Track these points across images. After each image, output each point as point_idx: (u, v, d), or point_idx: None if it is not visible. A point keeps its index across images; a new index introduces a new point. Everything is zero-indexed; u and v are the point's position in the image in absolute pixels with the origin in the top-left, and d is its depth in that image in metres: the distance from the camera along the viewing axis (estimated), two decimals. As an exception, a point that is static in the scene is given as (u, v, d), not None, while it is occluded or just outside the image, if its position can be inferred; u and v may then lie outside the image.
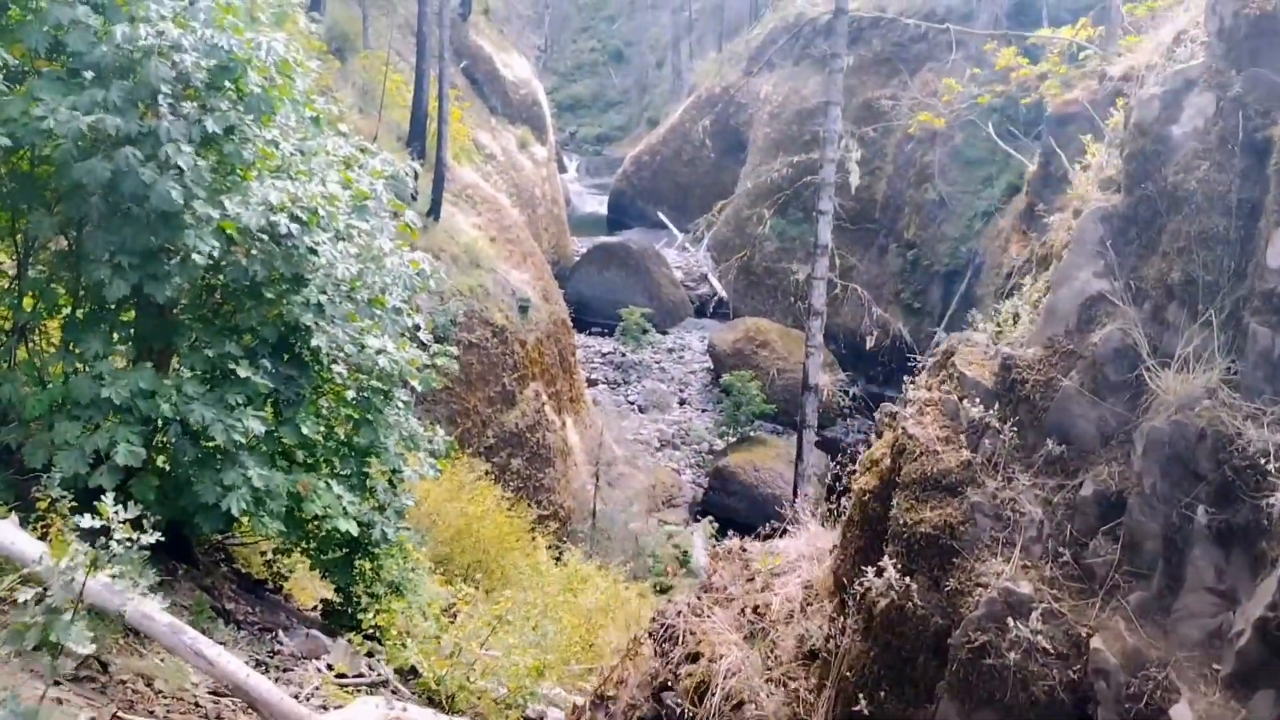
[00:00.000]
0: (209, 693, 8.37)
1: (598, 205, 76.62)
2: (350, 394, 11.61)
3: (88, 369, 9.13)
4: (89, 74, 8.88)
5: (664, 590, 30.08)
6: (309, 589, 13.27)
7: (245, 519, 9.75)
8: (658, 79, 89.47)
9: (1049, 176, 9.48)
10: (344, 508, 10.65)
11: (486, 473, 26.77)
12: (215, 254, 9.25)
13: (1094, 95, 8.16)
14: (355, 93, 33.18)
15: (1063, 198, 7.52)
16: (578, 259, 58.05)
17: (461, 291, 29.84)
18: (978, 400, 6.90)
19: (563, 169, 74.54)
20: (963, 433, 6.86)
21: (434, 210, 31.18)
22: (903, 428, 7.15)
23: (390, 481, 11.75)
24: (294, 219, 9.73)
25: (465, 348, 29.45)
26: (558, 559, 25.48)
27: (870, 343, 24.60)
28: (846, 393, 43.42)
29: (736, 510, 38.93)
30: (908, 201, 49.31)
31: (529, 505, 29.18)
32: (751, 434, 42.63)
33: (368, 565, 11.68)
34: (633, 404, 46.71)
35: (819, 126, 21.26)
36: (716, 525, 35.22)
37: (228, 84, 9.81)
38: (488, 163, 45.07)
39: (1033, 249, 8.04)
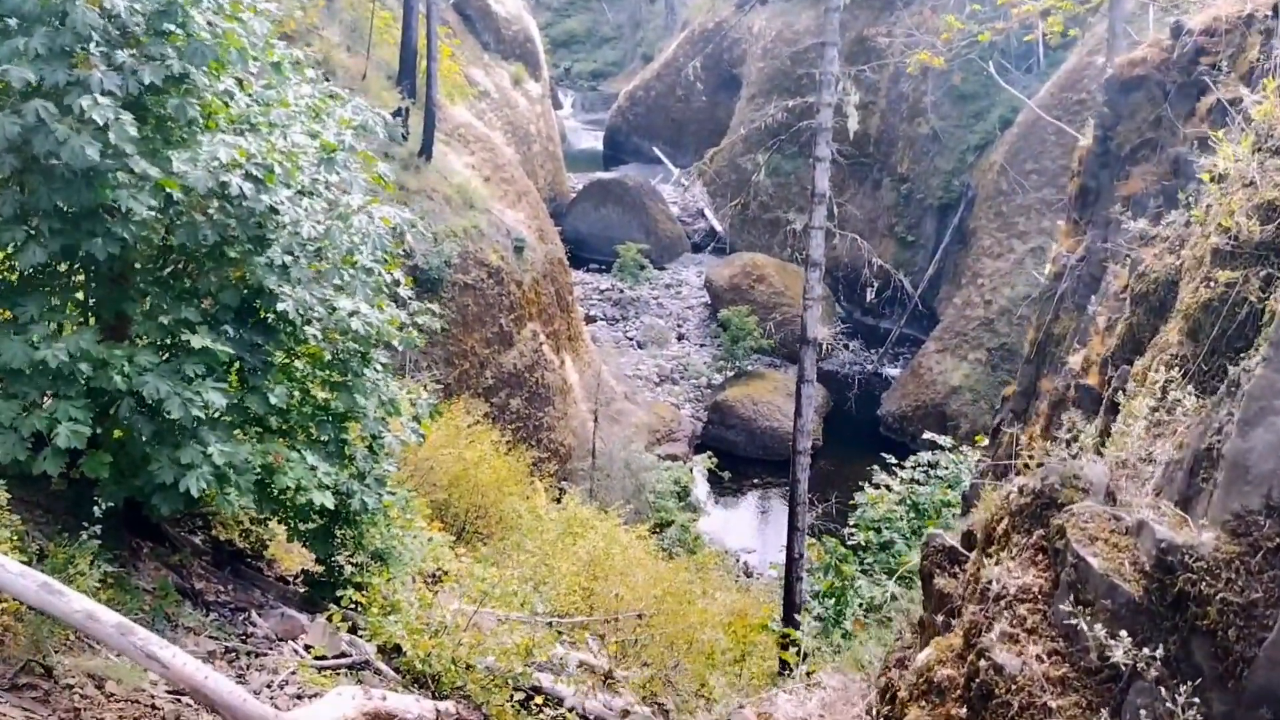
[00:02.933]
0: (168, 692, 7.55)
1: (594, 141, 75.05)
2: (327, 356, 10.69)
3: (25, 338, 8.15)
4: (13, 21, 7.80)
5: (663, 527, 29.56)
6: (294, 552, 12.47)
7: (209, 496, 8.87)
8: (651, 14, 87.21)
9: (1108, 155, 7.92)
10: (319, 479, 9.80)
11: (485, 414, 26.04)
12: (159, 214, 8.24)
13: (1165, 55, 6.91)
14: (343, 30, 31.82)
15: (1163, 219, 5.88)
16: (574, 196, 56.82)
17: (455, 233, 28.83)
18: (1116, 617, 4.00)
19: (558, 105, 72.77)
20: (1093, 674, 4.05)
21: (425, 150, 30.03)
22: (986, 655, 4.37)
23: (370, 448, 10.87)
24: (248, 177, 8.70)
25: (461, 289, 28.57)
26: (558, 499, 24.85)
27: (870, 295, 23.69)
28: (844, 330, 42.56)
29: (735, 444, 38.51)
30: (901, 136, 48.07)
31: (528, 446, 28.50)
32: (749, 368, 42.00)
33: (350, 533, 10.85)
34: (631, 340, 45.96)
35: (814, 67, 20.11)
36: (716, 460, 34.67)
37: (174, 29, 8.72)
38: (481, 100, 43.69)
39: (1128, 282, 6.18)
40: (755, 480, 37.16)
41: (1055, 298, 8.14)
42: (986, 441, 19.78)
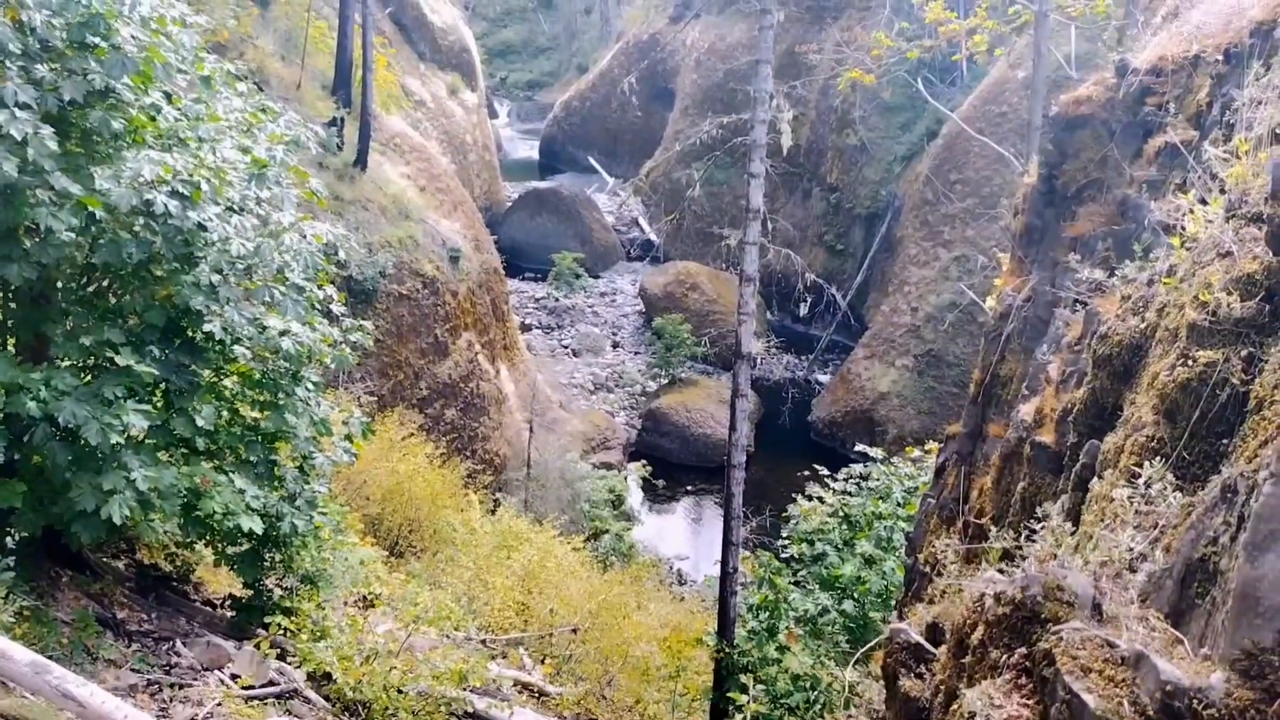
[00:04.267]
0: (88, 730, 7.15)
1: (529, 150, 74.68)
2: (257, 375, 10.33)
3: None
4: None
5: (598, 536, 29.33)
6: (223, 574, 12.04)
7: (132, 523, 8.47)
8: (586, 25, 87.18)
9: (1054, 194, 7.75)
10: (247, 503, 9.44)
11: (420, 426, 25.64)
12: (80, 233, 7.85)
13: (1110, 94, 6.82)
14: (277, 39, 31.16)
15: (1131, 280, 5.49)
16: (510, 205, 56.38)
17: (390, 243, 28.36)
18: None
19: (494, 115, 72.28)
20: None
21: (361, 160, 29.51)
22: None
23: (301, 468, 10.52)
24: (175, 194, 8.35)
25: (395, 300, 28.11)
26: (493, 511, 24.54)
27: (804, 309, 23.75)
28: (777, 342, 42.74)
29: (670, 451, 38.41)
30: (830, 146, 48.44)
31: (463, 457, 28.14)
32: (683, 376, 41.95)
33: (279, 557, 10.48)
34: (566, 348, 45.72)
35: (746, 81, 20.06)
36: (650, 469, 34.54)
37: (98, 42, 8.34)
38: (417, 110, 43.15)
39: (1087, 339, 5.70)
40: (689, 487, 37.07)
41: (1001, 338, 8.05)
42: (917, 453, 19.94)
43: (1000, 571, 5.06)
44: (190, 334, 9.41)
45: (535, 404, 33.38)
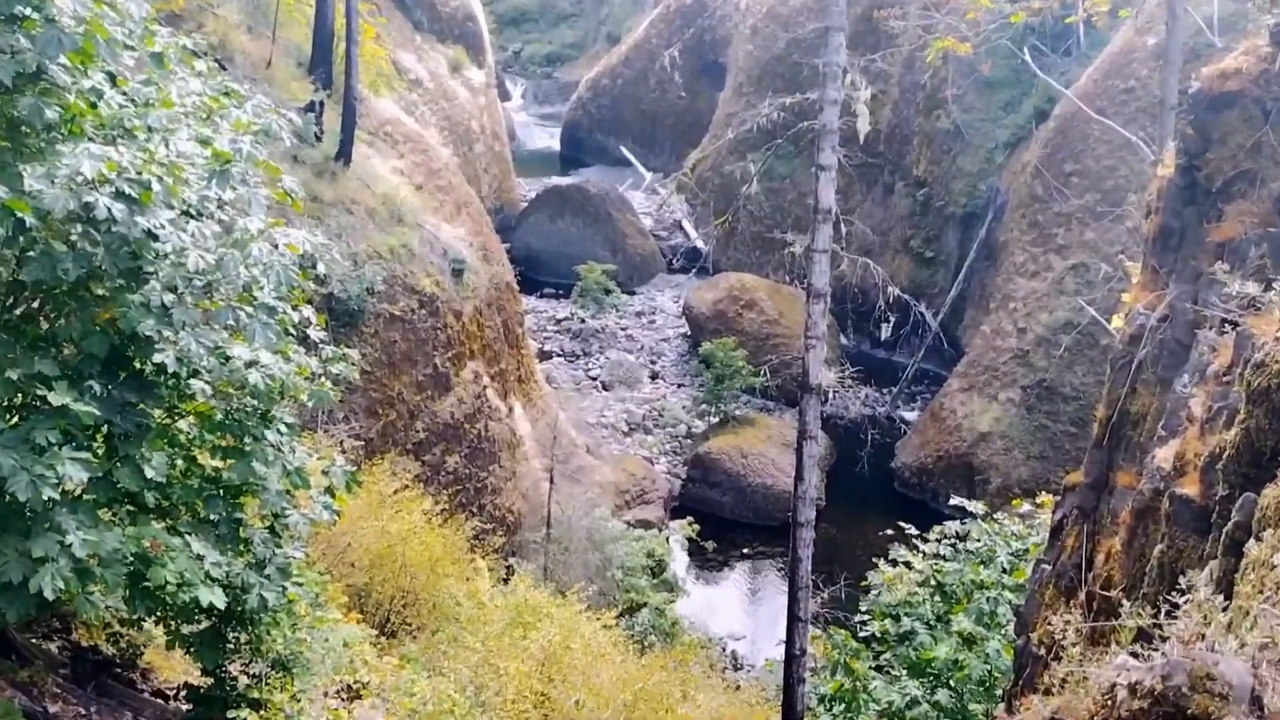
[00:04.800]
0: None
1: (549, 140, 75.29)
2: (219, 416, 10.40)
3: None
4: None
5: (634, 610, 29.24)
6: (176, 659, 12.09)
7: (67, 597, 8.52)
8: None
9: (1195, 189, 7.55)
10: (207, 571, 9.47)
11: (416, 477, 25.71)
12: (6, 244, 7.96)
13: (1264, 66, 6.64)
14: (243, 8, 31.67)
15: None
16: (525, 206, 56.80)
17: (380, 253, 28.60)
18: None
19: (505, 96, 72.94)
20: None
21: (344, 153, 29.84)
22: None
23: (272, 529, 10.56)
24: (119, 195, 8.44)
25: (386, 322, 28.32)
26: (505, 580, 24.52)
27: (886, 332, 23.65)
28: (853, 372, 42.63)
29: (721, 505, 38.40)
30: (917, 131, 48.43)
31: (469, 514, 28.19)
32: (737, 413, 41.95)
33: (245, 637, 10.51)
34: (594, 380, 45.85)
35: (813, 54, 20.04)
36: (697, 527, 34.49)
37: (29, 13, 8.48)
38: (412, 91, 43.62)
39: (1239, 367, 5.71)
40: (745, 550, 36.95)
41: (1131, 367, 7.90)
42: (1026, 507, 19.75)
43: (1135, 656, 4.92)
44: (138, 366, 9.46)
45: (556, 449, 33.40)
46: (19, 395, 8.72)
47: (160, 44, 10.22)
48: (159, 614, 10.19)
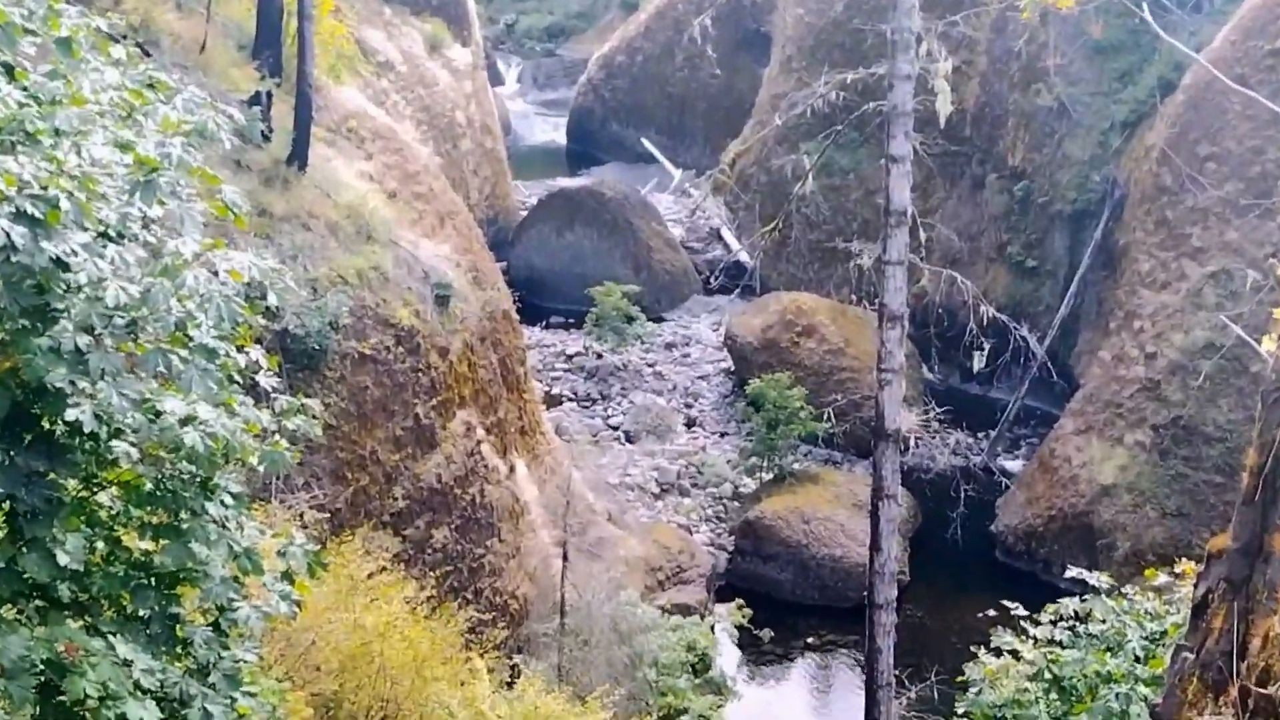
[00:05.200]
0: None
1: (552, 132, 75.81)
2: (148, 486, 10.45)
3: None
4: None
5: (672, 718, 29.14)
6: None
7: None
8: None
9: None
10: (136, 681, 9.49)
11: (396, 556, 25.75)
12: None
13: None
14: (172, -19, 32.02)
15: None
16: (525, 215, 57.05)
17: (345, 278, 28.74)
18: None
19: (497, 80, 73.53)
20: None
21: (298, 155, 30.05)
22: None
23: (216, 626, 10.58)
24: (19, 216, 8.52)
25: (354, 364, 28.43)
26: (510, 683, 24.53)
27: (980, 362, 23.61)
28: (937, 410, 42.52)
29: (779, 583, 38.31)
30: (1011, 110, 48.49)
31: (463, 600, 28.20)
32: (796, 467, 41.87)
33: (185, 763, 10.51)
34: (616, 430, 45.88)
35: (880, 18, 20.06)
36: (749, 611, 34.38)
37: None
38: (381, 76, 43.96)
39: None
40: (809, 639, 36.79)
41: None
42: (1162, 578, 19.59)
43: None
44: (47, 426, 9.51)
45: (570, 517, 33.37)
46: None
47: (68, 26, 10.32)
48: (77, 736, 10.20)
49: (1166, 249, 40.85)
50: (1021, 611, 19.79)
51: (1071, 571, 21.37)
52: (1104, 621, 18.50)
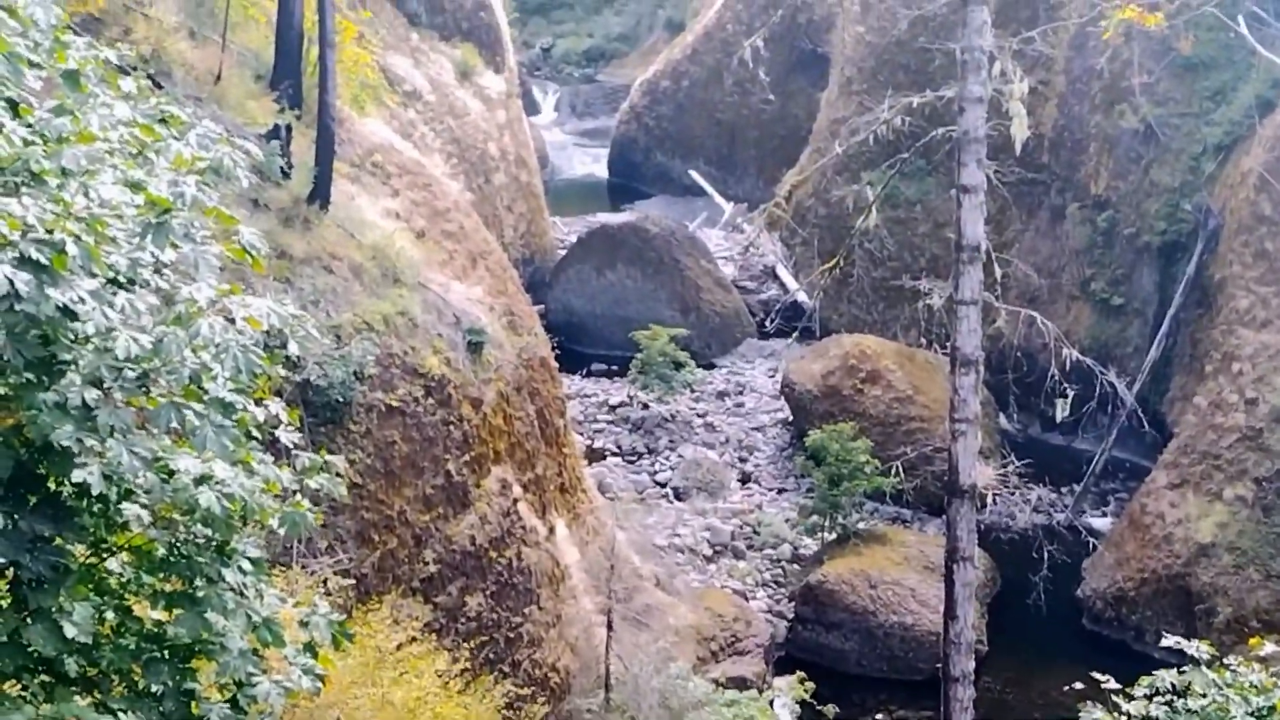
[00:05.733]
0: None
1: (592, 164, 76.03)
2: (161, 551, 10.53)
3: None
4: None
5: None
6: None
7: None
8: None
9: None
10: (148, 764, 9.54)
11: (427, 625, 25.78)
12: None
13: None
14: (181, 4, 32.28)
15: None
16: (563, 254, 57.16)
17: (371, 324, 28.85)
18: None
19: (533, 109, 73.86)
20: None
21: (320, 192, 30.18)
22: None
23: (234, 702, 10.63)
24: (24, 262, 8.62)
25: (381, 417, 28.49)
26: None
27: (1063, 410, 23.49)
28: (1016, 462, 42.32)
29: (844, 654, 38.11)
30: (1093, 134, 48.39)
31: (500, 674, 28.16)
32: (861, 526, 41.65)
33: None
34: (664, 487, 45.78)
35: (948, 36, 20.09)
36: (811, 685, 34.14)
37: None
38: (408, 106, 44.26)
39: None
40: (878, 715, 36.58)
41: None
42: (1270, 647, 19.39)
43: None
44: (53, 488, 9.59)
45: (615, 582, 33.32)
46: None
47: (76, 58, 10.46)
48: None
49: (1267, 284, 40.61)
50: (1112, 685, 19.59)
51: (1167, 640, 21.14)
52: (1204, 696, 18.30)
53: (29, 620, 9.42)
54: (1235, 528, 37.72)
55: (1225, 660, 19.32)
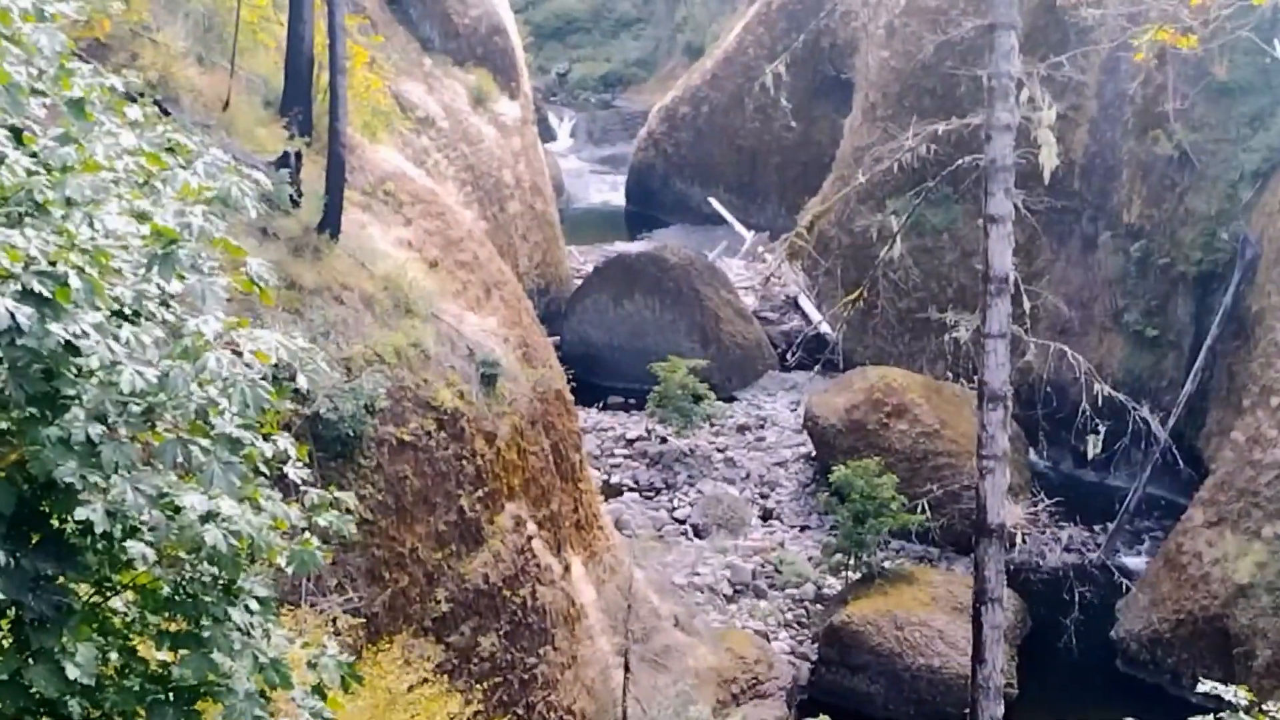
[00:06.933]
0: None
1: (609, 192, 76.23)
2: (166, 590, 10.55)
3: None
4: None
5: None
6: None
7: None
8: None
9: None
10: (153, 810, 9.55)
11: (439, 666, 25.76)
12: None
13: None
14: (191, 31, 32.46)
15: None
16: (580, 284, 57.24)
17: (382, 356, 28.93)
18: None
19: (549, 136, 74.07)
20: None
21: (330, 221, 30.28)
22: None
23: (241, 746, 10.62)
24: (26, 295, 8.65)
25: (392, 451, 28.55)
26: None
27: (1095, 446, 23.46)
28: (1047, 501, 42.23)
29: (869, 697, 38.00)
30: (1126, 161, 48.38)
31: (513, 717, 28.13)
32: (887, 565, 41.62)
33: None
34: (683, 524, 45.73)
35: (976, 61, 20.11)
36: (836, 729, 34.12)
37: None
38: (421, 133, 44.42)
39: None
40: (905, 761, 36.51)
41: None
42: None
43: None
44: (56, 525, 9.61)
45: (633, 622, 33.31)
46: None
47: (81, 86, 10.49)
48: None
49: (1307, 314, 40.58)
50: (1147, 729, 19.57)
51: (1204, 685, 21.08)
52: (1242, 742, 18.25)
53: (30, 661, 9.41)
54: (1275, 567, 37.51)
55: (1265, 706, 19.24)
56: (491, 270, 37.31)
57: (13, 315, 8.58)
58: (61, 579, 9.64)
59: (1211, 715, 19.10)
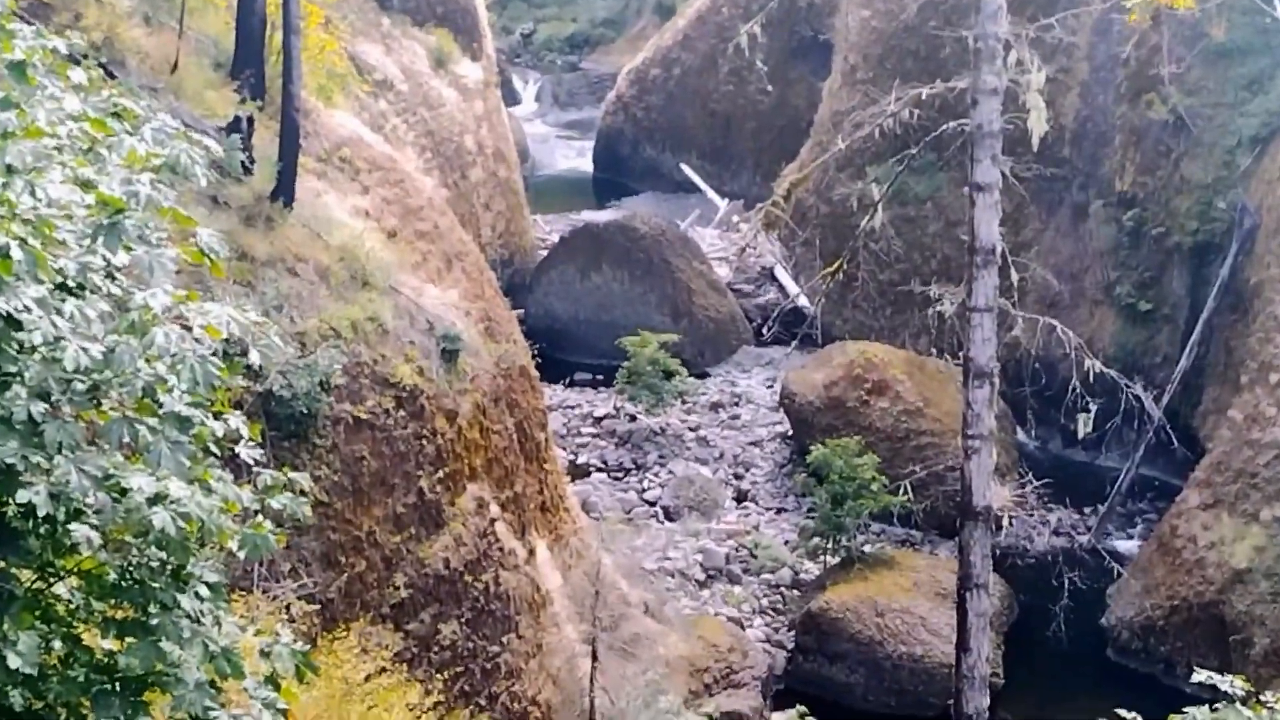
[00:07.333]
0: None
1: (576, 158, 76.11)
2: (112, 576, 10.57)
3: None
4: None
5: None
6: None
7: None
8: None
9: None
10: (99, 804, 9.59)
11: (398, 655, 25.80)
12: None
13: None
14: (136, -10, 32.38)
15: None
16: (545, 255, 57.19)
17: (338, 331, 28.91)
18: None
19: (513, 99, 73.89)
20: None
21: (283, 189, 30.20)
22: None
23: (191, 738, 10.66)
24: (-35, 267, 8.68)
25: (348, 430, 28.55)
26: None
27: (1085, 425, 23.51)
28: (1034, 482, 42.36)
29: (848, 687, 38.11)
30: (1118, 127, 48.44)
31: (476, 707, 28.24)
32: (867, 549, 41.69)
33: None
34: (653, 506, 45.75)
35: (961, 22, 20.15)
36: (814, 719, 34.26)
37: None
38: (379, 97, 44.30)
39: None
40: (886, 753, 36.69)
41: None
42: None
43: None
44: (-3, 508, 9.65)
45: (600, 609, 33.36)
46: None
47: (22, 48, 10.49)
48: None
49: (1307, 288, 40.75)
50: (1136, 720, 19.66)
51: (1199, 674, 21.20)
52: (1238, 735, 18.34)
53: (-26, 648, 9.46)
54: (1273, 552, 37.69)
55: (1262, 696, 19.38)
56: (453, 240, 37.25)
57: (-50, 289, 8.61)
58: (2, 564, 9.65)
59: (1207, 706, 19.20)
